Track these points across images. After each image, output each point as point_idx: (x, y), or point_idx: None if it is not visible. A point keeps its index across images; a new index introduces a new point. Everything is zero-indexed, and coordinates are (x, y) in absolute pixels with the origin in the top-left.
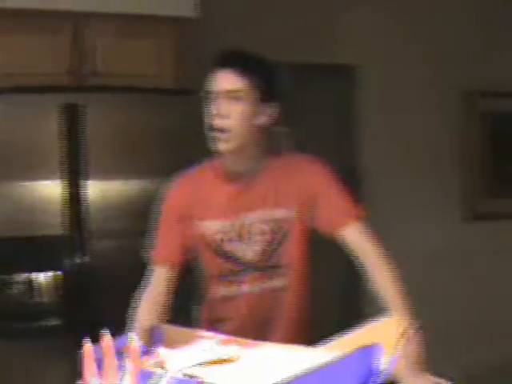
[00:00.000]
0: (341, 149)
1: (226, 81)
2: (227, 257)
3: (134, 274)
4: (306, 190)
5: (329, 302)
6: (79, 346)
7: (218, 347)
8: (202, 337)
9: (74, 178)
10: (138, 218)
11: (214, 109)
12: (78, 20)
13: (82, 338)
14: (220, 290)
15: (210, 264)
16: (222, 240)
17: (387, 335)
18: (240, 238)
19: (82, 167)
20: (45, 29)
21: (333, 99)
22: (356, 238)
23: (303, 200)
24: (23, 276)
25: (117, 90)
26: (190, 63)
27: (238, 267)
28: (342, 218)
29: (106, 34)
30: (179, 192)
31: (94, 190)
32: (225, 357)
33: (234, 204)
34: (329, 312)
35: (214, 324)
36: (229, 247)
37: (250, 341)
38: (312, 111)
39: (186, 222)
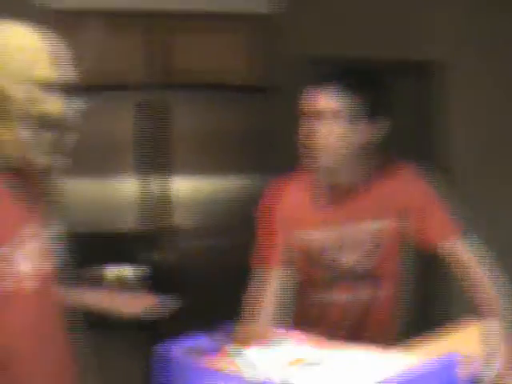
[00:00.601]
0: (424, 147)
1: (325, 100)
2: (324, 265)
3: (217, 272)
4: (407, 203)
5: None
6: (158, 341)
7: (294, 347)
8: (277, 336)
9: (157, 174)
10: (221, 216)
11: (309, 127)
12: (153, 19)
13: (162, 334)
14: (313, 297)
15: (305, 270)
16: (319, 249)
17: (472, 339)
18: (338, 247)
19: (164, 164)
20: (126, 28)
21: (417, 96)
22: (460, 251)
23: (403, 212)
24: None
25: (195, 87)
26: (271, 60)
27: (333, 275)
28: (446, 232)
29: (181, 32)
30: (281, 197)
31: (177, 186)
32: (301, 357)
33: (333, 214)
34: (411, 313)
35: (303, 327)
36: (326, 256)
37: (325, 341)
38: (395, 107)
39: (285, 226)
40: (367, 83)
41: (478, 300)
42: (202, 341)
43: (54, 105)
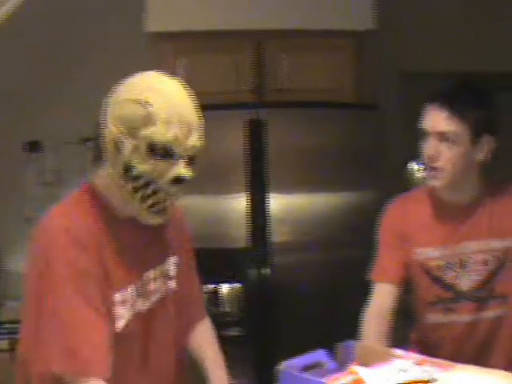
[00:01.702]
0: None
1: (438, 121)
2: (443, 285)
3: (316, 288)
4: None
5: None
6: (259, 356)
7: (413, 367)
8: (396, 356)
9: (257, 191)
10: (320, 232)
11: (426, 148)
12: (258, 38)
13: (262, 349)
14: (432, 317)
15: (424, 289)
16: (439, 267)
17: None
18: (458, 266)
19: (265, 181)
20: (228, 48)
21: None
22: None
23: None
24: (209, 287)
25: (297, 105)
26: (370, 76)
27: (452, 296)
28: None
29: (286, 51)
30: (397, 214)
31: (277, 203)
32: (422, 378)
33: (452, 233)
34: None
35: (425, 349)
36: (445, 275)
37: (445, 362)
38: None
39: (404, 244)
40: (486, 99)
41: None
42: (323, 358)
43: (160, 168)
